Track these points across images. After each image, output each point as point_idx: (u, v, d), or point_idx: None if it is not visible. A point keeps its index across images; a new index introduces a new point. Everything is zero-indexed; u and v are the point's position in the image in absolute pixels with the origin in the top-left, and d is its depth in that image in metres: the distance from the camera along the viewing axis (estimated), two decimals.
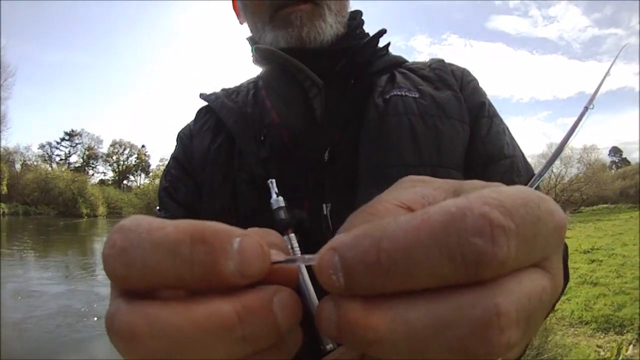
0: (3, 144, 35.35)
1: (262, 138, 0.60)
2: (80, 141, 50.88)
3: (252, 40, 0.67)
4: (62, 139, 50.04)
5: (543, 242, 0.18)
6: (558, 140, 0.37)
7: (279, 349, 0.21)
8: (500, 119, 0.65)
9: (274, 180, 0.50)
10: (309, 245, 0.39)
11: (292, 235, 0.45)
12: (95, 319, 5.19)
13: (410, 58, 0.71)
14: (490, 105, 0.65)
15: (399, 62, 0.67)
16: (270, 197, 0.49)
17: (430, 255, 0.16)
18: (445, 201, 0.17)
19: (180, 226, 0.18)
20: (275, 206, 0.48)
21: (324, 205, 0.54)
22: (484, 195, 0.17)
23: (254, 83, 0.71)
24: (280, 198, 0.48)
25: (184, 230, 0.18)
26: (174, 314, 0.17)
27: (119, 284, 0.19)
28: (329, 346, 0.41)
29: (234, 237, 0.18)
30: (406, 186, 0.22)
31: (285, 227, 0.46)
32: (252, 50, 0.65)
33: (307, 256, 0.20)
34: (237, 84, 0.74)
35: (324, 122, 0.58)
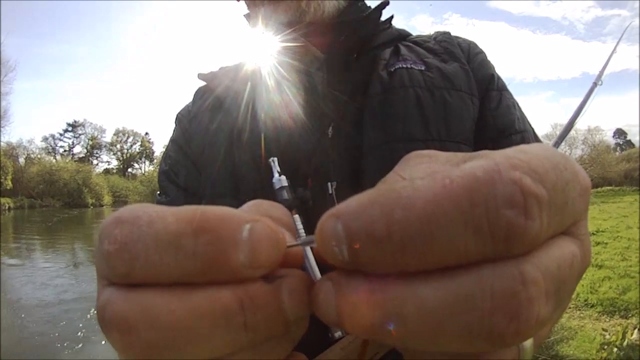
0: (6, 138, 35.51)
1: (263, 116, 0.57)
2: (84, 131, 51.10)
3: (249, 17, 0.64)
4: (65, 131, 50.20)
5: (572, 208, 0.16)
6: (562, 120, 0.35)
7: (282, 338, 0.18)
8: (510, 93, 0.62)
9: (275, 159, 0.48)
10: (314, 226, 0.36)
11: (297, 216, 0.43)
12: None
13: None
14: (499, 78, 0.62)
15: (403, 36, 0.64)
16: (272, 176, 0.47)
17: (454, 229, 0.13)
18: (469, 163, 0.14)
19: (181, 215, 0.16)
20: (277, 186, 0.46)
21: (329, 183, 0.51)
22: (511, 157, 0.14)
23: (255, 60, 0.68)
24: (283, 177, 0.46)
25: (186, 220, 0.15)
26: (170, 301, 0.15)
27: (120, 281, 0.16)
28: (337, 334, 0.39)
29: (243, 224, 0.16)
30: (413, 163, 0.19)
31: (288, 207, 0.44)
32: (249, 27, 0.62)
33: (311, 237, 0.17)
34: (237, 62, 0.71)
35: (327, 97, 0.55)
